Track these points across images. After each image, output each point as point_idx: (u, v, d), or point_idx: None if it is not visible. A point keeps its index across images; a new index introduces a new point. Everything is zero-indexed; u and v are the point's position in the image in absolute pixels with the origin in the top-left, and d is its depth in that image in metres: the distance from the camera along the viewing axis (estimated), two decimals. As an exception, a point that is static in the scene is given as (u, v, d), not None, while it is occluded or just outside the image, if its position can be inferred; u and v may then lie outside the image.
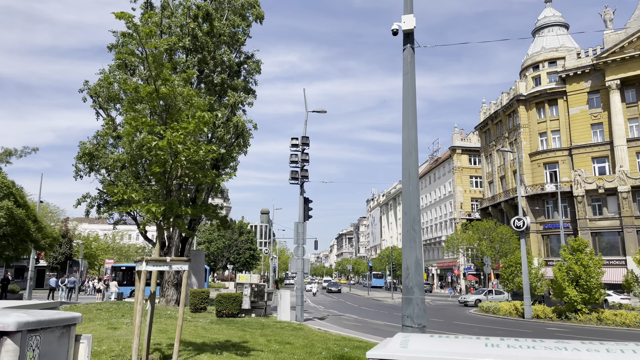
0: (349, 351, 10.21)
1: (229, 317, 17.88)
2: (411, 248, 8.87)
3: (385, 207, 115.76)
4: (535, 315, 25.57)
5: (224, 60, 22.80)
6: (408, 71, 9.38)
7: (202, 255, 25.72)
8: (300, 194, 23.35)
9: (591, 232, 46.12)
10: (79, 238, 58.07)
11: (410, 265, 8.84)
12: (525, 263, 26.51)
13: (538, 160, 51.52)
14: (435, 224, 78.31)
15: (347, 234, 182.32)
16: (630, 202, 43.70)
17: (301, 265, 22.60)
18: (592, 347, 2.70)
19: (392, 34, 9.45)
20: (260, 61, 25.14)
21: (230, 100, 21.18)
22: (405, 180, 9.11)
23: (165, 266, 7.88)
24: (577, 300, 23.51)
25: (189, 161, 8.02)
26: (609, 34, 47.07)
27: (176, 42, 20.76)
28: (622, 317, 22.45)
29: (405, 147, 9.29)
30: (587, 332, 20.45)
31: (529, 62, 54.82)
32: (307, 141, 23.43)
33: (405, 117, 9.35)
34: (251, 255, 64.45)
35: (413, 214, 8.95)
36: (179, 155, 7.87)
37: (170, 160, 8.05)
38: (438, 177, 78.93)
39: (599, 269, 24.25)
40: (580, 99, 49.15)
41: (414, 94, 9.48)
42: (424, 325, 8.66)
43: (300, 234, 22.84)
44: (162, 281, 21.93)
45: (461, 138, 73.93)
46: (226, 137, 21.22)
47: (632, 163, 44.84)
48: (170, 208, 8.05)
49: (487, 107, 63.66)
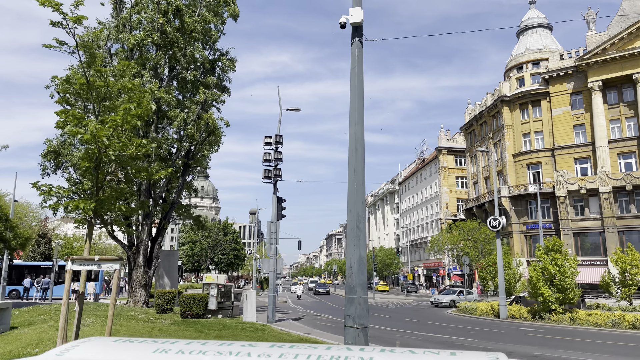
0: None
1: (194, 318, 17.54)
2: (355, 246, 8.63)
3: (373, 208, 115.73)
4: (511, 315, 25.49)
5: (197, 57, 22.45)
6: (356, 65, 9.14)
7: (175, 255, 25.33)
8: (273, 193, 23.07)
9: (573, 233, 46.30)
10: (60, 238, 57.29)
11: (353, 264, 8.60)
12: (501, 263, 26.43)
13: (521, 161, 51.65)
14: (422, 224, 78.34)
15: (337, 234, 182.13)
16: (612, 203, 43.90)
17: (273, 265, 22.34)
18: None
19: (340, 27, 9.21)
20: (235, 59, 24.80)
21: (201, 98, 20.83)
22: (351, 176, 8.86)
23: (93, 265, 7.56)
24: (551, 300, 23.44)
25: (120, 156, 7.70)
26: (591, 35, 47.30)
27: (144, 38, 20.42)
28: (595, 317, 22.41)
29: (352, 143, 9.03)
30: (558, 332, 20.38)
31: (513, 63, 54.98)
32: (280, 140, 23.18)
33: (352, 112, 9.10)
34: (235, 255, 63.95)
35: (358, 211, 8.71)
36: (107, 149, 7.54)
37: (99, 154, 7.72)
38: (424, 178, 78.98)
39: (574, 269, 24.23)
40: (563, 100, 49.34)
41: (362, 89, 9.24)
42: (366, 326, 8.43)
43: (273, 233, 22.56)
44: (130, 281, 21.53)
45: (447, 139, 74.04)
46: (196, 135, 20.88)
47: (613, 164, 45.07)
48: (101, 205, 7.72)
49: (472, 107, 63.79)
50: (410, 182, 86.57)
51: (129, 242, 21.51)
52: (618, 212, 43.91)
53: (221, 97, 22.59)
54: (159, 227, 22.23)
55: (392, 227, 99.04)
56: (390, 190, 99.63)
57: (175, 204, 22.17)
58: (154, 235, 21.93)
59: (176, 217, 24.10)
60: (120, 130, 7.69)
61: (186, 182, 24.18)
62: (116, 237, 21.01)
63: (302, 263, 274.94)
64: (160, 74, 21.70)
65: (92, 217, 7.86)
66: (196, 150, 22.17)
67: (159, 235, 22.02)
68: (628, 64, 44.46)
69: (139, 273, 20.57)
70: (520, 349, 15.18)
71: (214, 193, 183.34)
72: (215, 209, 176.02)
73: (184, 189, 24.55)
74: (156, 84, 19.83)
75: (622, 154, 45.28)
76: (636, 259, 28.90)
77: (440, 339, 17.92)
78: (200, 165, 23.20)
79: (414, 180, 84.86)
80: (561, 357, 13.59)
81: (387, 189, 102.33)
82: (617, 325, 21.25)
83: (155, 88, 19.22)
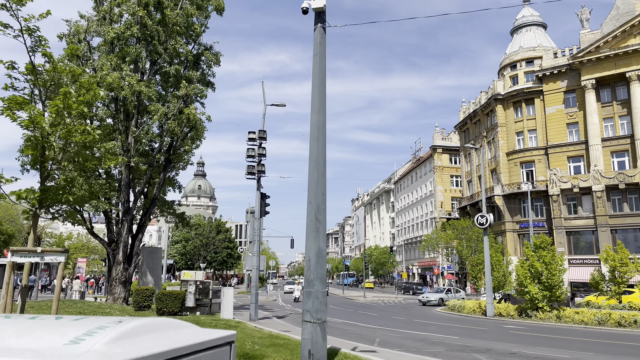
0: (257, 349, 9.66)
1: (171, 314, 17.26)
2: (314, 238, 8.35)
3: (369, 207, 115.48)
4: (498, 313, 25.26)
5: (180, 51, 22.14)
6: (318, 52, 8.86)
7: (158, 253, 25.01)
8: (257, 189, 22.78)
9: (566, 231, 46.08)
10: (51, 236, 56.94)
11: (312, 257, 8.32)
12: (488, 260, 26.18)
13: (515, 160, 51.41)
14: (417, 223, 78.09)
15: (334, 233, 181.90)
16: (605, 202, 43.67)
17: (256, 262, 22.04)
18: None
19: (302, 13, 8.94)
20: (219, 53, 24.51)
21: (182, 92, 20.52)
22: (312, 166, 8.59)
23: (36, 257, 7.27)
24: (538, 298, 23.20)
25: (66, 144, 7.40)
26: (585, 33, 47.05)
27: (124, 31, 20.12)
28: (581, 315, 22.16)
29: (312, 132, 8.76)
30: (542, 329, 20.12)
31: (506, 61, 54.70)
32: (264, 135, 22.87)
33: (313, 101, 8.82)
34: (228, 254, 63.63)
35: (318, 202, 8.43)
36: (49, 136, 7.25)
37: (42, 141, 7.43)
38: (419, 177, 78.72)
39: (562, 266, 24.00)
40: (556, 98, 49.10)
41: (324, 77, 8.95)
42: (323, 321, 8.14)
43: (256, 230, 22.29)
44: (109, 278, 21.22)
45: (442, 137, 73.73)
46: (177, 130, 20.56)
47: (606, 162, 44.84)
48: (45, 195, 7.42)
49: (466, 106, 63.56)
50: (406, 181, 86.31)
51: (109, 238, 21.20)
52: (611, 211, 43.69)
53: (204, 92, 22.25)
54: (140, 224, 21.91)
55: (387, 226, 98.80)
56: (385, 189, 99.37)
57: (157, 199, 21.84)
58: (134, 232, 21.61)
59: (158, 214, 23.79)
60: (65, 116, 7.39)
61: (170, 178, 23.88)
62: (95, 234, 20.70)
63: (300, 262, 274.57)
64: (142, 68, 21.38)
65: (37, 207, 7.56)
66: (178, 145, 21.86)
67: (139, 231, 21.69)
68: (621, 62, 44.24)
69: (119, 270, 20.26)
70: (501, 346, 14.92)
71: (211, 192, 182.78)
72: (213, 208, 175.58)
73: (169, 186, 24.24)
74: (135, 77, 19.53)
75: (615, 153, 45.05)
76: (626, 257, 28.69)
77: (422, 336, 17.65)
78: (181, 160, 22.89)
79: (409, 179, 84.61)
80: (540, 355, 13.32)
81: (382, 188, 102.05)
82: (603, 323, 21.00)
83: (134, 81, 18.91)
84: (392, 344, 15.28)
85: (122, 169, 20.57)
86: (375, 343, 15.31)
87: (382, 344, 15.18)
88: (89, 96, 7.58)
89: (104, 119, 21.36)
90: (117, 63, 19.88)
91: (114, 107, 20.69)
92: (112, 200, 20.80)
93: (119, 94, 19.29)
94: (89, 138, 7.63)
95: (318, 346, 7.89)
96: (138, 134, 19.73)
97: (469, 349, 14.28)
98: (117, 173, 21.63)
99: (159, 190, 21.51)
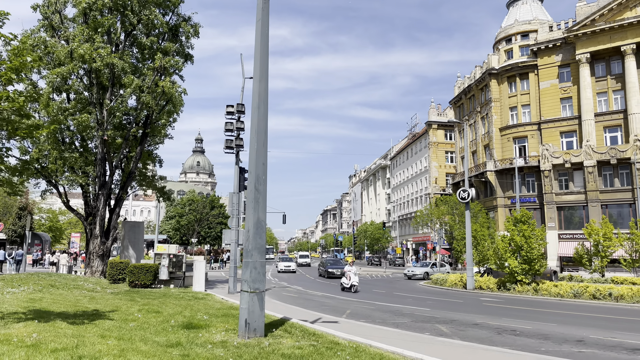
0: (206, 319, 9.72)
1: (143, 287, 17.39)
2: (254, 209, 8.28)
3: (366, 183, 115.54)
4: (478, 287, 25.45)
5: (155, 22, 21.72)
6: (260, 18, 8.61)
7: (141, 227, 25.05)
8: (235, 163, 22.64)
9: (557, 207, 46.09)
10: (44, 212, 57.17)
11: (250, 227, 8.26)
12: (470, 234, 26.24)
13: (508, 135, 51.07)
14: (412, 199, 78.21)
15: (332, 209, 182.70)
16: (596, 177, 43.54)
17: (235, 236, 22.09)
18: None
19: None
20: (198, 24, 24.03)
21: (157, 64, 20.21)
22: (253, 136, 8.44)
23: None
24: (517, 271, 23.34)
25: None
26: (581, 6, 46.10)
27: (95, 1, 19.70)
28: (559, 288, 22.30)
29: (254, 100, 8.58)
30: (517, 301, 20.28)
31: (502, 35, 53.75)
32: (242, 109, 22.59)
33: (255, 68, 8.62)
34: (222, 229, 63.85)
35: (258, 172, 8.32)
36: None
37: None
38: (415, 153, 78.45)
39: (542, 240, 24.05)
40: (550, 72, 48.44)
41: (267, 44, 8.73)
42: (261, 291, 8.15)
43: (235, 204, 22.22)
44: (87, 252, 21.33)
45: (438, 113, 73.13)
46: (152, 103, 20.32)
47: (599, 137, 44.52)
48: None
49: (461, 81, 62.79)
50: (401, 157, 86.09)
51: (86, 212, 21.21)
52: (602, 186, 43.60)
53: (180, 64, 21.91)
54: (117, 197, 21.89)
55: (383, 202, 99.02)
56: (382, 165, 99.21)
57: (133, 173, 21.76)
58: (112, 206, 21.61)
59: (137, 188, 23.75)
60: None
61: (149, 152, 23.73)
62: (71, 207, 20.70)
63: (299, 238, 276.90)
64: (116, 39, 21.02)
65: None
66: (154, 119, 21.65)
67: (117, 205, 21.69)
68: (617, 35, 43.46)
69: (96, 244, 20.33)
70: (467, 317, 15.04)
71: (210, 169, 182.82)
72: (212, 184, 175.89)
73: (148, 160, 24.11)
74: (107, 48, 19.19)
75: (607, 128, 44.70)
76: (610, 232, 28.72)
77: (395, 308, 17.80)
78: (159, 134, 22.70)
79: (404, 155, 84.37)
80: (502, 325, 13.41)
81: (379, 164, 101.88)
82: (579, 295, 21.15)
83: (105, 53, 18.59)
84: (360, 315, 15.41)
85: (98, 142, 20.44)
86: (345, 315, 15.41)
87: (351, 315, 15.30)
88: (17, 62, 7.40)
89: (80, 92, 21.12)
90: (89, 34, 19.51)
91: (87, 80, 20.43)
92: (89, 174, 20.72)
93: (91, 66, 19.00)
94: (15, 105, 7.48)
95: (255, 315, 7.90)
96: (112, 107, 19.51)
97: (434, 320, 14.39)
98: (93, 147, 21.50)
99: (135, 164, 21.41)
